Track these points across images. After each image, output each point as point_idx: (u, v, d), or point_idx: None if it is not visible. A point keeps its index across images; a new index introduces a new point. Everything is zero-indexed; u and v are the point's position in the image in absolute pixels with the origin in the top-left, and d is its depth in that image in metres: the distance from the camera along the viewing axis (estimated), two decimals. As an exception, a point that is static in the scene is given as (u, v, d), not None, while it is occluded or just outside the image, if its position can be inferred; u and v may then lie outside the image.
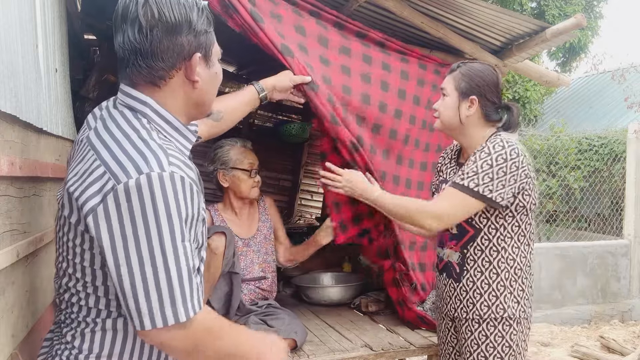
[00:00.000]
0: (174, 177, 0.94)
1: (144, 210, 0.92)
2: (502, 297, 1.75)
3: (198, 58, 1.07)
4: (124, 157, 0.96)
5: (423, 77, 2.46)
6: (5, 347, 1.13)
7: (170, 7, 1.02)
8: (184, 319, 0.95)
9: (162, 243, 0.93)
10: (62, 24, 2.21)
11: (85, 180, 0.98)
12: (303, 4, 2.13)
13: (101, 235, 0.94)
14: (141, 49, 1.02)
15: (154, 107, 1.06)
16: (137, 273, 0.93)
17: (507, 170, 1.65)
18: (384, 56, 2.34)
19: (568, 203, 6.73)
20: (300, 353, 2.03)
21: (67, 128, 2.22)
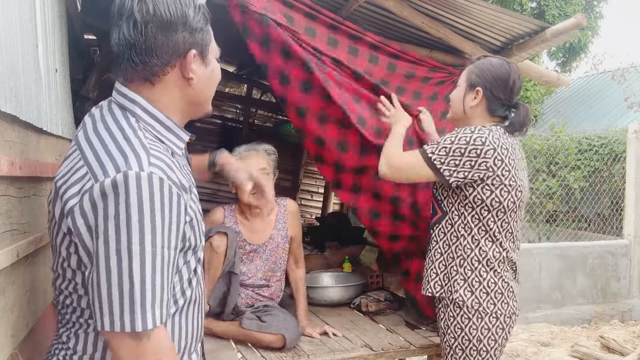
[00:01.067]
0: (152, 178, 0.91)
1: (117, 209, 0.89)
2: (453, 281, 1.82)
3: (193, 55, 1.05)
4: (105, 157, 0.94)
5: (405, 85, 2.44)
6: (5, 347, 1.13)
7: (165, 4, 1.01)
8: (138, 329, 0.90)
9: (130, 244, 0.89)
10: (62, 24, 2.21)
11: (68, 180, 0.97)
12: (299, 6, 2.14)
13: (79, 232, 0.93)
14: (135, 44, 1.01)
15: (143, 106, 1.04)
16: (102, 272, 0.90)
17: (464, 153, 1.69)
18: (368, 65, 2.34)
19: (568, 203, 6.73)
20: (301, 353, 2.03)
21: (67, 128, 2.22)
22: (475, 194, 1.75)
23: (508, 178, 1.72)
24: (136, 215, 0.90)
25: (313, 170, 5.84)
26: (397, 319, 2.57)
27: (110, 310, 0.90)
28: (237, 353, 2.06)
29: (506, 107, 1.81)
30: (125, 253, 0.89)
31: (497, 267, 1.79)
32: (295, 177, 5.65)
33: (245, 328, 2.11)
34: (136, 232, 0.90)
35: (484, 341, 1.79)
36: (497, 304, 1.78)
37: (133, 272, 0.90)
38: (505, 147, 1.72)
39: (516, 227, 1.83)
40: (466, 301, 1.79)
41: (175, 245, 0.96)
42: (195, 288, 1.15)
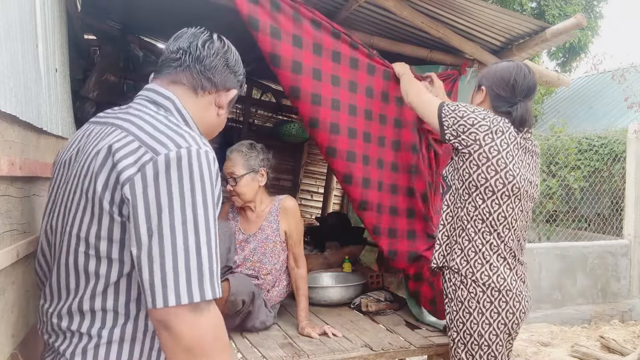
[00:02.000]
0: (208, 156, 1.00)
1: (182, 181, 0.94)
2: (452, 251, 1.92)
3: (236, 95, 1.27)
4: (161, 135, 1.00)
5: (387, 89, 2.45)
6: (5, 347, 1.13)
7: (234, 54, 1.27)
8: (208, 297, 0.93)
9: (195, 216, 0.94)
10: (62, 24, 2.21)
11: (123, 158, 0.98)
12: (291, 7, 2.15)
13: (137, 203, 0.93)
14: (204, 59, 1.20)
15: (177, 104, 1.16)
16: (167, 242, 0.92)
17: (464, 116, 1.84)
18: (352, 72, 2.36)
19: (568, 203, 6.73)
20: (301, 353, 2.03)
21: (67, 128, 2.23)
22: (465, 167, 1.85)
23: (496, 158, 1.79)
24: (199, 186, 0.96)
25: (313, 170, 5.84)
26: (397, 319, 2.57)
27: (176, 283, 0.91)
28: (237, 353, 2.06)
29: (509, 104, 1.90)
30: (192, 224, 0.94)
31: (486, 249, 1.83)
32: (295, 177, 5.65)
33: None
34: (200, 203, 0.95)
35: (485, 336, 1.81)
36: (492, 277, 1.82)
37: (201, 241, 0.94)
38: (501, 131, 1.82)
39: (514, 215, 1.84)
40: (461, 269, 1.86)
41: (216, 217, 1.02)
42: None
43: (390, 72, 2.40)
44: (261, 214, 2.43)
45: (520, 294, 1.85)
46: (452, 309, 1.90)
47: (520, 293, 1.85)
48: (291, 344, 2.15)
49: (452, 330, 1.90)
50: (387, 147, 2.45)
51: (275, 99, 5.27)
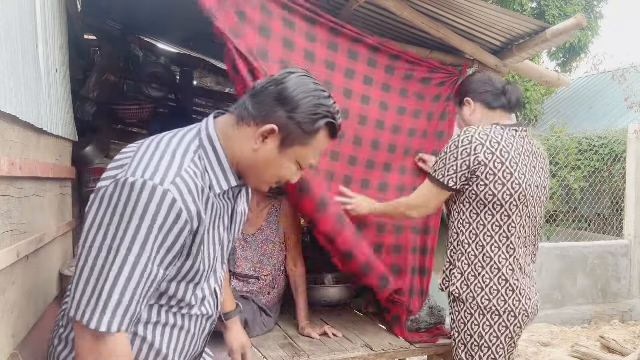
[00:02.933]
0: (165, 195, 0.97)
1: (124, 208, 0.96)
2: (451, 274, 1.89)
3: (271, 129, 1.11)
4: (145, 160, 1.02)
5: (406, 86, 2.46)
6: (5, 347, 1.13)
7: (297, 87, 1.12)
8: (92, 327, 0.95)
9: (120, 244, 0.95)
10: (62, 24, 2.21)
11: (113, 168, 1.06)
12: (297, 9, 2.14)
13: (89, 212, 0.99)
14: (256, 89, 1.15)
15: (214, 143, 1.12)
16: (89, 260, 0.96)
17: (458, 156, 1.78)
18: (368, 69, 2.35)
19: (568, 203, 6.73)
20: (301, 353, 2.03)
21: (67, 128, 2.23)
22: (471, 189, 1.80)
23: (501, 170, 1.75)
24: (136, 221, 0.96)
25: (313, 170, 5.83)
26: (397, 319, 2.56)
27: (80, 300, 0.96)
28: (237, 353, 2.06)
29: (498, 94, 1.92)
30: (113, 252, 0.95)
31: (494, 263, 1.80)
32: (295, 177, 5.64)
33: None
34: (129, 236, 0.95)
35: (485, 337, 1.81)
36: (492, 300, 1.79)
37: (111, 271, 0.95)
38: (496, 141, 1.77)
39: (523, 222, 1.81)
40: (461, 294, 1.84)
41: (160, 262, 1.01)
42: (193, 321, 1.21)
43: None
44: (260, 215, 2.43)
45: (517, 302, 1.81)
46: (454, 309, 1.90)
47: (517, 302, 1.81)
48: (291, 344, 2.15)
49: (454, 330, 1.90)
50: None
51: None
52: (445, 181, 1.82)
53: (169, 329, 1.16)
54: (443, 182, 1.83)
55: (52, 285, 1.87)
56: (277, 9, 2.09)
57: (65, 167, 2.17)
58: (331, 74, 2.27)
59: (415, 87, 2.50)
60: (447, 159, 1.81)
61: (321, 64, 2.24)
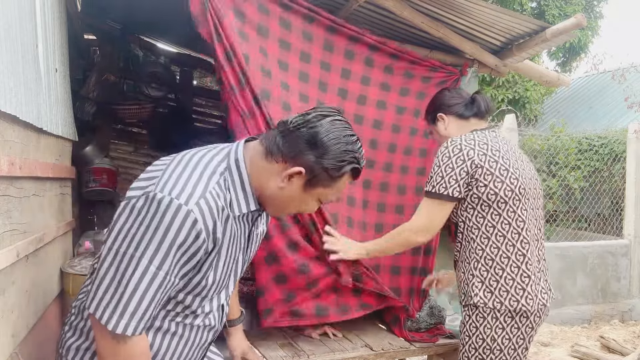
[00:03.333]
0: (188, 215, 1.04)
1: (151, 222, 1.04)
2: (471, 285, 1.83)
3: (298, 171, 1.16)
4: (175, 177, 1.09)
5: (408, 85, 2.48)
6: (5, 347, 1.13)
7: (329, 133, 1.15)
8: (110, 328, 1.03)
9: (142, 256, 1.03)
10: (62, 24, 2.21)
11: (145, 179, 1.13)
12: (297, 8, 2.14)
13: (119, 220, 1.07)
14: (289, 127, 1.17)
15: (240, 167, 1.17)
16: (113, 265, 1.04)
17: (454, 165, 1.78)
18: (365, 68, 2.36)
19: (568, 203, 6.73)
20: (301, 353, 2.03)
21: (67, 128, 2.22)
22: (472, 193, 1.80)
23: (497, 169, 1.77)
24: (160, 235, 1.03)
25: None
26: (397, 319, 2.56)
27: (101, 298, 1.04)
28: (237, 353, 2.06)
29: (468, 104, 1.97)
30: (136, 261, 1.03)
31: (513, 262, 1.78)
32: (295, 177, 5.64)
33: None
34: (152, 249, 1.04)
35: (498, 340, 1.79)
36: (521, 301, 1.76)
37: (132, 279, 1.03)
38: (484, 143, 1.81)
39: (529, 215, 1.81)
40: (487, 303, 1.79)
41: (177, 273, 1.09)
42: (193, 331, 1.26)
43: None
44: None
45: (535, 296, 1.80)
46: (465, 314, 1.87)
47: (535, 297, 1.80)
48: (291, 344, 2.15)
49: (464, 334, 1.87)
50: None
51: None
52: (450, 192, 1.79)
53: (169, 337, 1.21)
54: (447, 194, 1.79)
55: (53, 285, 1.87)
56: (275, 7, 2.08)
57: (65, 167, 2.17)
58: (327, 74, 2.27)
59: (417, 86, 2.50)
60: (443, 171, 1.79)
61: (317, 64, 2.24)
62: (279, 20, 2.09)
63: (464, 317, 1.89)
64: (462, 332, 1.90)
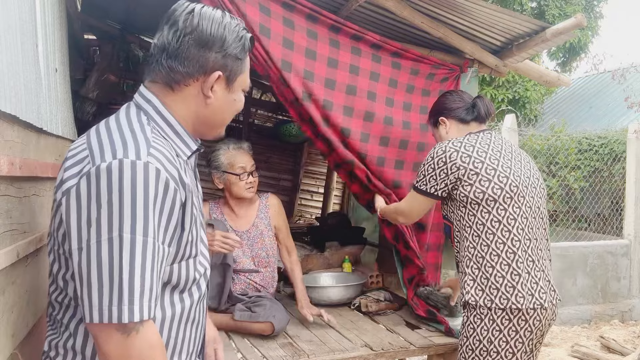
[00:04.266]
0: (147, 167, 0.92)
1: (110, 194, 0.89)
2: (464, 284, 1.86)
3: (218, 76, 1.08)
4: (106, 144, 0.96)
5: (413, 82, 2.52)
6: (5, 347, 1.13)
7: (210, 23, 1.06)
8: (124, 320, 0.89)
9: (121, 231, 0.89)
10: (62, 24, 2.21)
11: (70, 163, 0.99)
12: (300, 8, 2.15)
13: (70, 216, 0.92)
14: (169, 48, 1.06)
15: (157, 106, 1.07)
16: (93, 260, 0.89)
17: (435, 166, 1.88)
18: (373, 65, 2.39)
19: (568, 203, 6.73)
20: (301, 353, 2.04)
21: (67, 128, 2.23)
22: (459, 192, 1.84)
23: (482, 169, 1.81)
24: (129, 202, 0.89)
25: (313, 170, 5.84)
26: (397, 319, 2.57)
27: (100, 301, 0.89)
28: (237, 353, 2.06)
29: (469, 108, 2.00)
30: (117, 241, 0.89)
31: (503, 259, 1.78)
32: (295, 177, 5.65)
33: (237, 320, 2.25)
34: (128, 219, 0.89)
35: (495, 342, 1.78)
36: (511, 299, 1.75)
37: (123, 260, 0.89)
38: (470, 145, 1.86)
39: (524, 214, 1.80)
40: (478, 301, 1.79)
41: (163, 239, 0.96)
42: (196, 305, 1.14)
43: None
44: (249, 211, 2.55)
45: (531, 296, 1.78)
46: (464, 315, 1.88)
47: (531, 296, 1.78)
48: (291, 343, 2.15)
49: (462, 335, 1.87)
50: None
51: (276, 99, 5.27)
52: (428, 189, 1.91)
53: (176, 324, 1.11)
54: (425, 190, 1.92)
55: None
56: (278, 8, 2.09)
57: (65, 167, 2.16)
58: (334, 71, 2.29)
59: (422, 84, 2.53)
60: (425, 170, 1.91)
61: (324, 61, 2.25)
62: (283, 20, 2.11)
63: (463, 317, 1.90)
64: (460, 333, 1.90)
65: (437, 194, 1.90)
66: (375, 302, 2.66)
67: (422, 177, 1.92)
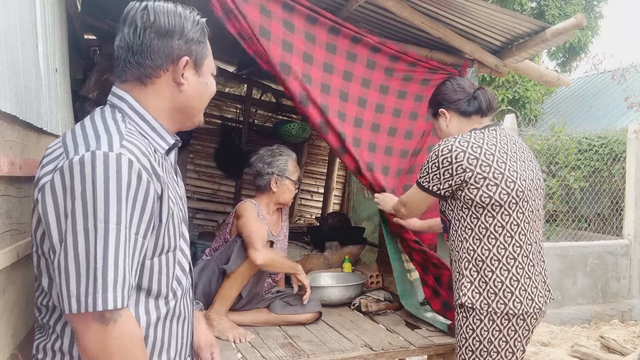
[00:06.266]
0: (120, 158, 0.94)
1: (84, 187, 0.91)
2: (460, 285, 1.84)
3: (186, 62, 1.11)
4: (80, 138, 0.98)
5: (406, 89, 2.54)
6: (5, 347, 1.13)
7: (166, 14, 1.10)
8: (99, 308, 0.90)
9: (96, 223, 0.91)
10: (62, 24, 2.21)
11: (46, 161, 1.01)
12: (300, 9, 2.16)
13: (47, 211, 0.94)
14: (133, 46, 1.09)
15: (131, 103, 1.10)
16: (70, 251, 0.91)
17: (440, 165, 1.82)
18: (366, 71, 2.41)
19: (568, 203, 6.73)
20: (301, 353, 2.04)
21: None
22: (464, 195, 1.79)
23: (490, 172, 1.75)
24: (102, 192, 0.91)
25: (313, 170, 5.84)
26: (397, 319, 2.57)
27: (78, 290, 0.90)
28: (237, 353, 2.06)
29: (470, 99, 1.94)
30: (93, 231, 0.91)
31: (504, 265, 1.77)
32: (295, 177, 5.65)
33: (280, 314, 2.40)
34: (101, 209, 0.91)
35: (495, 342, 1.78)
36: (509, 304, 1.75)
37: (97, 249, 0.90)
38: (478, 145, 1.78)
39: (527, 218, 1.79)
40: (475, 303, 1.78)
41: (137, 230, 0.97)
42: (180, 301, 1.15)
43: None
44: (279, 216, 2.67)
45: (530, 301, 1.78)
46: (461, 316, 1.86)
47: (530, 301, 1.78)
48: (291, 343, 2.15)
49: (461, 336, 1.86)
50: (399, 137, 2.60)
51: (275, 99, 5.27)
52: (429, 187, 1.87)
53: (162, 322, 1.11)
54: (428, 188, 1.88)
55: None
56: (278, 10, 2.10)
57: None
58: (329, 77, 2.29)
59: (415, 89, 2.52)
60: (429, 168, 1.86)
61: (319, 66, 2.26)
62: (282, 22, 2.12)
63: (457, 317, 1.88)
64: (458, 334, 1.88)
65: (440, 193, 1.86)
66: (375, 302, 2.67)
67: (426, 174, 1.88)
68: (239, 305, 2.37)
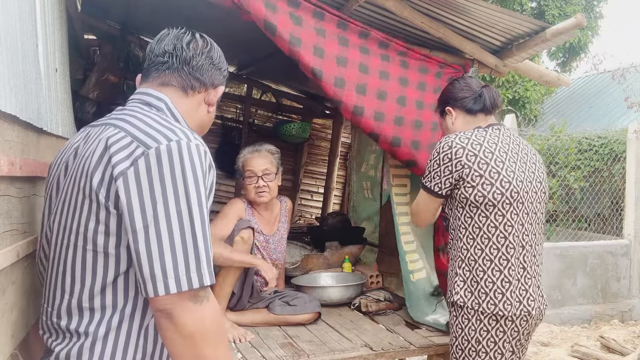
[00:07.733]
0: (199, 148, 1.03)
1: (174, 172, 0.98)
2: (454, 283, 1.85)
3: (222, 91, 1.29)
4: (152, 130, 1.04)
5: (424, 80, 2.52)
6: (5, 347, 1.13)
7: (217, 51, 1.30)
8: (206, 283, 0.97)
9: (189, 205, 0.98)
10: (62, 24, 2.21)
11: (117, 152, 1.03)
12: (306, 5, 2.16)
13: (130, 197, 0.97)
14: (192, 60, 1.23)
15: (169, 104, 1.19)
16: (164, 233, 0.96)
17: (440, 162, 1.82)
18: (382, 63, 2.39)
19: (568, 203, 6.73)
20: (301, 353, 2.04)
21: (67, 128, 2.22)
22: (460, 193, 1.79)
23: (487, 171, 1.75)
24: (191, 178, 1.00)
25: (313, 170, 5.84)
26: (397, 319, 2.57)
27: (176, 270, 0.95)
28: (237, 353, 2.06)
29: (476, 98, 1.94)
30: (186, 212, 0.98)
31: (496, 265, 1.77)
32: (295, 177, 5.65)
33: (279, 314, 2.38)
34: (191, 192, 0.99)
35: (483, 342, 1.78)
36: (499, 305, 1.75)
37: (191, 229, 0.98)
38: (478, 143, 1.78)
39: (522, 220, 1.78)
40: (467, 302, 1.79)
41: (208, 213, 1.05)
42: None
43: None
44: (274, 215, 2.63)
45: (518, 303, 1.78)
46: (452, 314, 1.87)
47: (518, 303, 1.77)
48: (291, 343, 2.15)
49: (452, 335, 1.87)
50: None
51: (275, 99, 5.27)
52: (432, 187, 1.86)
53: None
54: (431, 188, 1.87)
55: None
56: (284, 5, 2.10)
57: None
58: (344, 70, 2.29)
59: (432, 81, 2.55)
60: (431, 167, 1.85)
61: (333, 59, 2.25)
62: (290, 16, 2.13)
63: (450, 315, 1.89)
64: (450, 332, 1.90)
65: (442, 193, 1.84)
66: (375, 302, 2.67)
67: (428, 172, 1.87)
68: (238, 304, 2.37)
